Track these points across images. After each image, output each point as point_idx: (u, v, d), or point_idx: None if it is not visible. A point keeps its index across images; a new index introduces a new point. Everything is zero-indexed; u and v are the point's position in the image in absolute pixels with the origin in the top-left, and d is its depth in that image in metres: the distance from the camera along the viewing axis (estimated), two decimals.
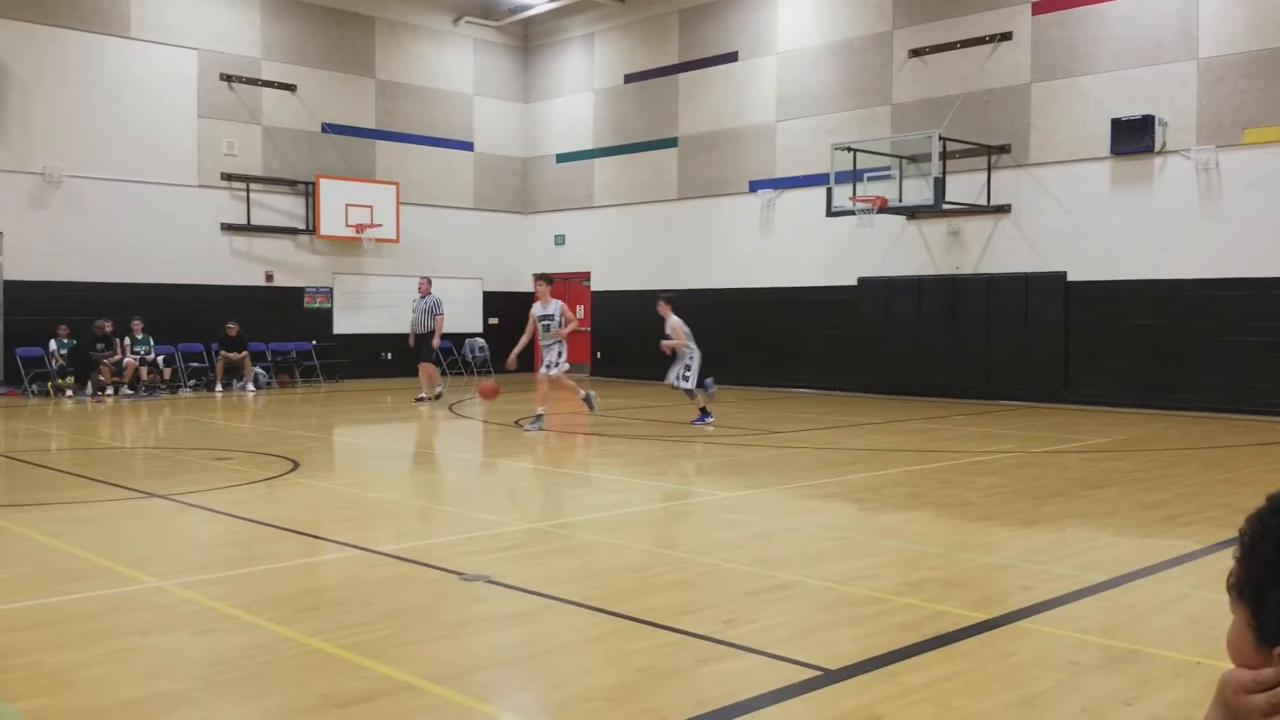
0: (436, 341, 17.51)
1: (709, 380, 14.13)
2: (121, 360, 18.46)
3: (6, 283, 18.29)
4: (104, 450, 11.70)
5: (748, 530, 7.28)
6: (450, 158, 24.21)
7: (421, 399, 17.21)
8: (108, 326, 18.36)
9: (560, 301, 13.71)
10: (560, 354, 13.42)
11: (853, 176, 17.49)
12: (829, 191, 17.79)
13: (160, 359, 19.19)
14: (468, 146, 24.52)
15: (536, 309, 13.56)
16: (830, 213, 17.85)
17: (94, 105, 19.32)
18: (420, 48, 23.68)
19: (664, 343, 13.75)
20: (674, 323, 13.66)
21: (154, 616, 5.12)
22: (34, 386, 18.16)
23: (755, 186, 20.97)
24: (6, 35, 18.35)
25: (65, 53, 19.01)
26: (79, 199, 19.12)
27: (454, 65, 24.26)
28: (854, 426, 13.82)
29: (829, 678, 4.15)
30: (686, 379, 13.59)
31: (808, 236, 19.87)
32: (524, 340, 13.72)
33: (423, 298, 17.90)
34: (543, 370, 13.56)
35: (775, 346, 20.60)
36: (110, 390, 18.19)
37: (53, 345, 18.34)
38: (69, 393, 18.13)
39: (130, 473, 9.96)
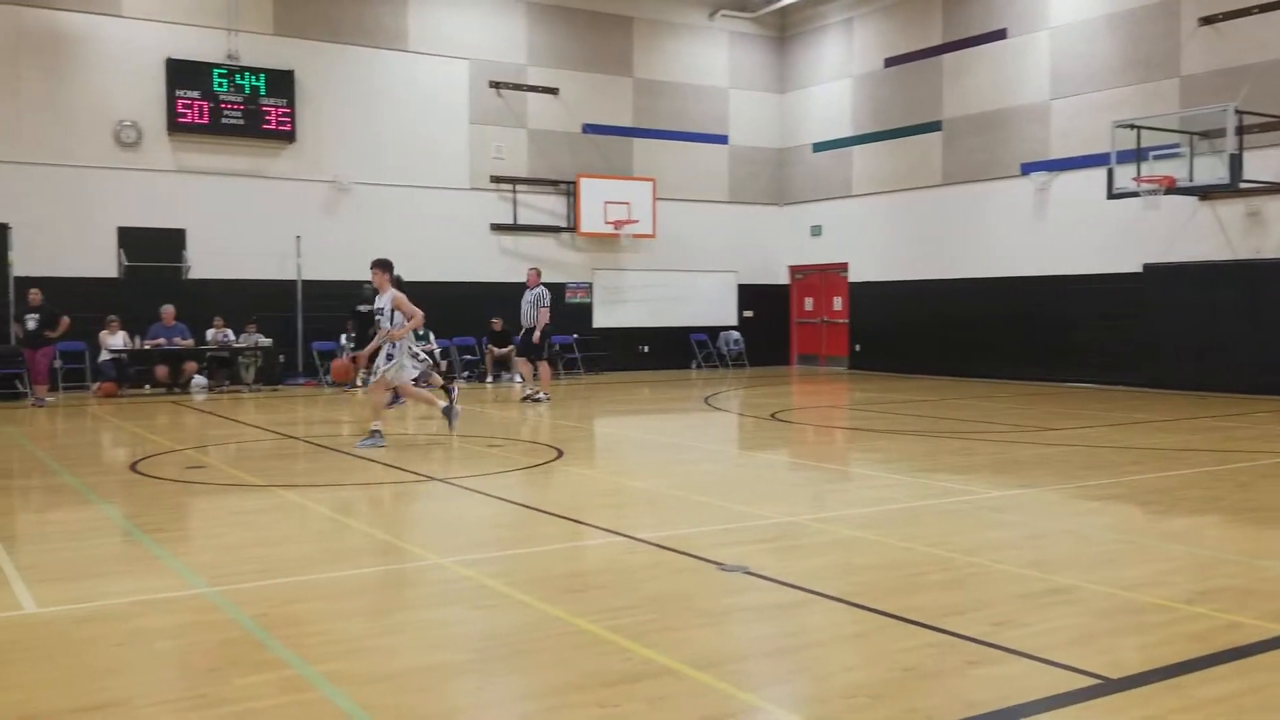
0: (537, 336, 16.33)
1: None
2: None
3: (305, 282, 19.99)
4: (388, 436, 12.56)
5: (1020, 531, 6.92)
6: (705, 152, 24.42)
7: (527, 397, 16.36)
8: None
9: (395, 292, 11.13)
10: (390, 357, 11.11)
11: (1136, 155, 16.39)
12: (1110, 172, 16.69)
13: (438, 351, 20.43)
14: (722, 140, 24.64)
15: (378, 301, 11.31)
16: (1112, 195, 16.75)
17: (376, 115, 20.78)
18: (677, 44, 24.02)
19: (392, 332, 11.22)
20: (402, 318, 11.31)
21: (434, 591, 5.44)
22: (328, 378, 19.71)
23: (1027, 169, 19.94)
24: (299, 52, 20.02)
25: (350, 67, 20.55)
26: (364, 204, 20.63)
27: (709, 59, 24.45)
28: (1138, 424, 12.89)
29: (1109, 687, 3.90)
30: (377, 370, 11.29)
31: (1086, 221, 18.70)
32: (378, 340, 11.40)
33: (530, 289, 17.10)
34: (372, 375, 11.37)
35: (1050, 338, 19.53)
36: None
37: (343, 340, 19.89)
38: (358, 382, 19.57)
39: (411, 458, 10.63)
